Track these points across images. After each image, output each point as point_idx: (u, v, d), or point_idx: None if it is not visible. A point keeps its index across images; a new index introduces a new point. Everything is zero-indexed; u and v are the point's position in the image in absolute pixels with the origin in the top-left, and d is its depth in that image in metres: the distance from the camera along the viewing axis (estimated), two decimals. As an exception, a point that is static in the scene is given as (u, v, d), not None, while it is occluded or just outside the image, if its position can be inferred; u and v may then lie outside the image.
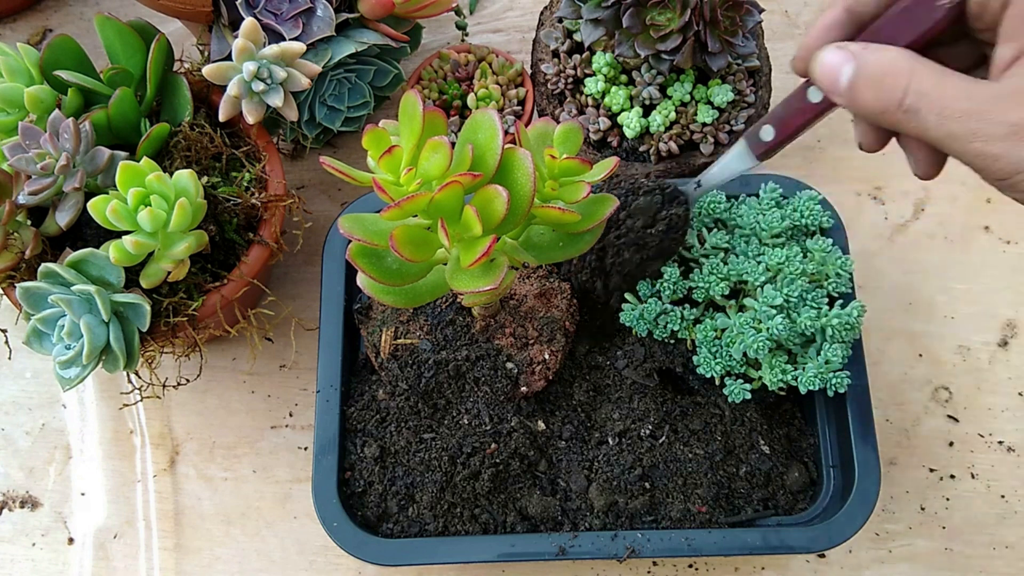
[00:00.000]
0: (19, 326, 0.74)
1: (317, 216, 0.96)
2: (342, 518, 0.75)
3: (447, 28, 1.05)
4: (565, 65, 0.88)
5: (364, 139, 0.55)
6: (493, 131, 0.56)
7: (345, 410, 0.81)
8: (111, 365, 0.71)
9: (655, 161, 0.85)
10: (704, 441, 0.78)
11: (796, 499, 0.79)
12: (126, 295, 0.70)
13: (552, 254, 0.64)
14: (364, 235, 0.56)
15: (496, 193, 0.54)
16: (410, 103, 0.55)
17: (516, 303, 0.78)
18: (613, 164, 0.62)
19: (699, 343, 0.77)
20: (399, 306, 0.64)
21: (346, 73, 0.85)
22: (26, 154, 0.69)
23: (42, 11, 1.09)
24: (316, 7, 0.80)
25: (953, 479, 0.87)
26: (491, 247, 0.54)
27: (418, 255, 0.56)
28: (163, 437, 0.90)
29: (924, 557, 0.85)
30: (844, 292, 0.77)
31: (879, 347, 0.91)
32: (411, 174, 0.55)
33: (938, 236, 0.96)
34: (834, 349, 0.73)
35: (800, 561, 0.85)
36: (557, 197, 0.60)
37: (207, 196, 0.75)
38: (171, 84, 0.81)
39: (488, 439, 0.77)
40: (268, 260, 0.79)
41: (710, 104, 0.86)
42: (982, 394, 0.90)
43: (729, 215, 0.80)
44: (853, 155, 1.00)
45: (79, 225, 0.75)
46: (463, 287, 0.57)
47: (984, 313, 0.93)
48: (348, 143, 1.01)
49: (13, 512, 0.88)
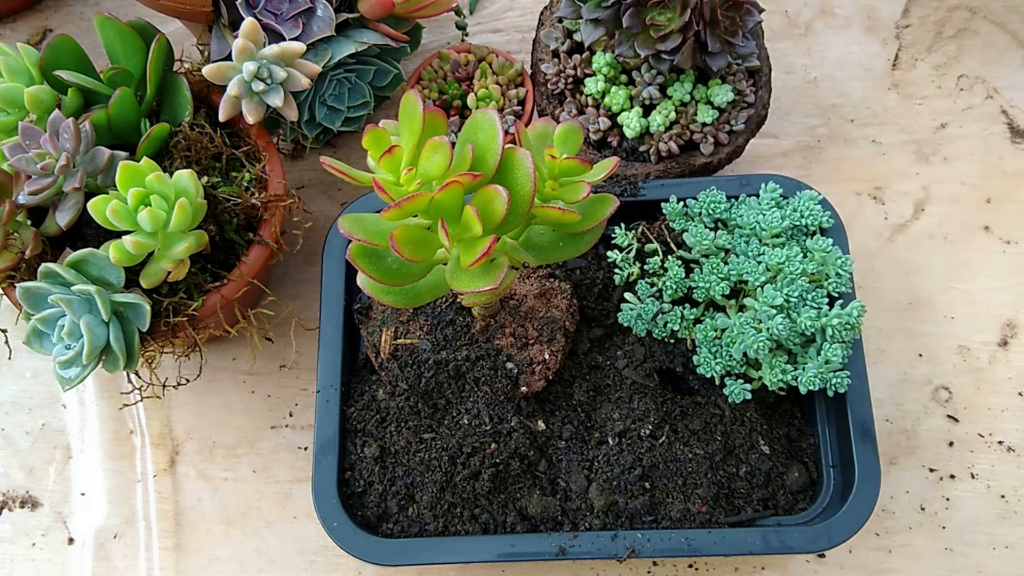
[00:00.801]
0: (19, 326, 0.74)
1: (317, 216, 0.96)
2: (342, 518, 0.75)
3: (447, 28, 1.05)
4: (565, 65, 0.88)
5: (364, 139, 0.55)
6: (493, 131, 0.56)
7: (345, 410, 0.80)
8: (111, 365, 0.71)
9: (655, 161, 0.85)
10: (704, 441, 0.78)
11: (796, 499, 0.79)
12: (126, 295, 0.70)
13: (552, 254, 0.64)
14: (364, 235, 0.56)
15: (496, 193, 0.54)
16: (410, 103, 0.55)
17: (516, 303, 0.78)
18: (613, 164, 0.62)
19: (699, 343, 0.77)
20: (399, 306, 0.64)
21: (346, 73, 0.85)
22: (26, 154, 0.69)
23: (42, 11, 1.09)
24: (316, 7, 0.80)
25: (953, 479, 0.87)
26: (491, 247, 0.54)
27: (418, 255, 0.56)
28: (163, 437, 0.90)
29: (924, 557, 0.85)
30: (844, 292, 0.77)
31: (879, 347, 0.91)
32: (411, 174, 0.55)
33: (938, 236, 0.96)
34: (834, 349, 0.73)
35: (800, 561, 0.85)
36: (557, 197, 0.60)
37: (207, 196, 0.75)
38: (171, 84, 0.81)
39: (488, 439, 0.77)
40: (268, 260, 0.79)
41: (710, 104, 0.86)
42: (982, 394, 0.90)
43: (729, 215, 0.80)
44: (853, 155, 1.00)
45: (79, 225, 0.75)
46: (463, 287, 0.57)
47: (984, 313, 0.93)
48: (348, 143, 1.01)
49: (13, 512, 0.88)
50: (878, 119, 1.01)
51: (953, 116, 1.01)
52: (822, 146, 1.00)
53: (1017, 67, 1.03)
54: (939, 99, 1.02)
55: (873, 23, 1.06)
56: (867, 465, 0.75)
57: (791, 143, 1.01)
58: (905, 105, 1.02)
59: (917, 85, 1.03)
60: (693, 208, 0.81)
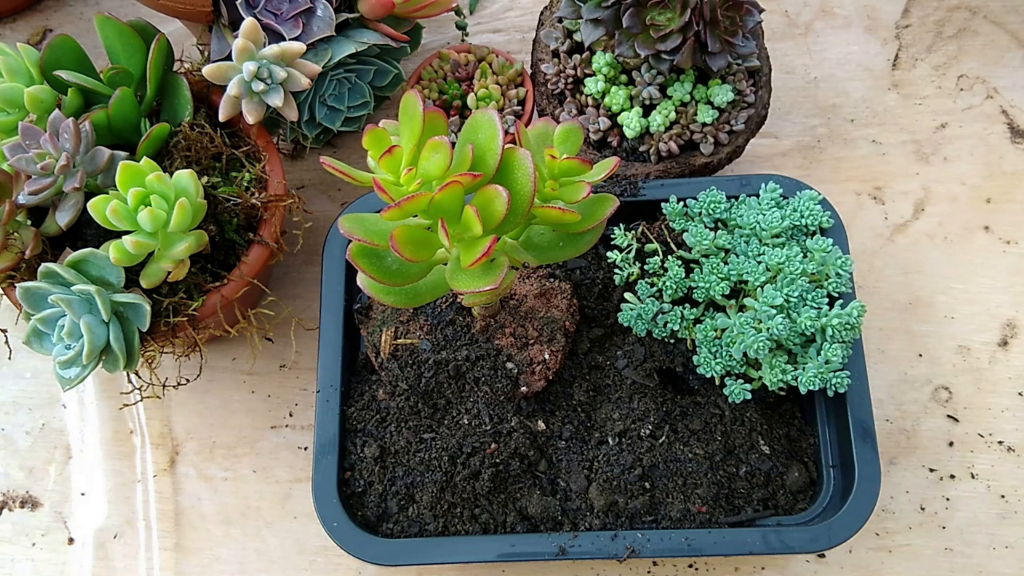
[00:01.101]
0: (19, 326, 0.74)
1: (317, 216, 0.96)
2: (342, 518, 0.75)
3: (447, 28, 1.05)
4: (565, 65, 0.88)
5: (364, 139, 0.55)
6: (493, 131, 0.56)
7: (345, 410, 0.80)
8: (111, 365, 0.71)
9: (655, 161, 0.85)
10: (704, 441, 0.78)
11: (796, 499, 0.79)
12: (126, 295, 0.70)
13: (552, 254, 0.64)
14: (364, 235, 0.56)
15: (496, 193, 0.54)
16: (410, 103, 0.55)
17: (516, 303, 0.78)
18: (613, 164, 0.62)
19: (699, 343, 0.77)
20: (399, 306, 0.64)
21: (346, 73, 0.85)
22: (26, 154, 0.69)
23: (42, 11, 1.09)
24: (316, 7, 0.80)
25: (953, 479, 0.87)
26: (491, 247, 0.54)
27: (418, 255, 0.56)
28: (163, 437, 0.90)
29: (924, 557, 0.85)
30: (844, 292, 0.77)
31: (879, 347, 0.91)
32: (411, 174, 0.54)
33: (938, 236, 0.96)
34: (834, 349, 0.73)
35: (800, 561, 0.85)
36: (557, 197, 0.60)
37: (207, 196, 0.75)
38: (171, 84, 0.81)
39: (488, 439, 0.77)
40: (268, 260, 0.79)
41: (710, 104, 0.86)
42: (982, 394, 0.90)
43: (729, 215, 0.80)
44: (853, 155, 1.00)
45: (79, 225, 0.75)
46: (463, 287, 0.57)
47: (984, 313, 0.93)
48: (348, 143, 1.01)
49: (13, 512, 0.88)
50: (878, 119, 1.02)
51: (953, 116, 1.01)
52: (822, 146, 1.00)
53: (1017, 67, 1.03)
54: (939, 99, 1.02)
55: (873, 23, 1.06)
56: (867, 465, 0.75)
57: (791, 143, 1.01)
58: (905, 105, 1.02)
59: (917, 85, 1.03)
60: (693, 208, 0.81)
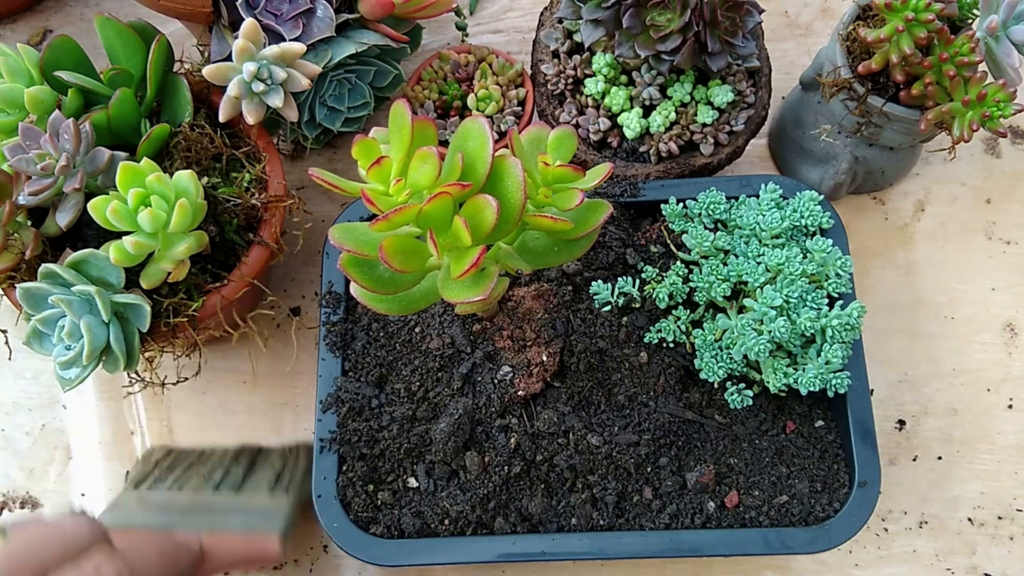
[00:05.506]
0: (19, 327, 0.74)
1: (317, 216, 0.96)
2: (342, 518, 0.75)
3: (447, 28, 1.05)
4: (565, 66, 0.88)
5: (354, 149, 0.54)
6: (483, 139, 0.55)
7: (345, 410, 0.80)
8: (111, 366, 0.71)
9: (655, 161, 0.85)
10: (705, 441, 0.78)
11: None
12: (126, 296, 0.71)
13: (547, 259, 0.64)
14: (354, 245, 0.56)
15: (486, 203, 0.53)
16: (399, 113, 0.55)
17: (514, 304, 0.78)
18: (606, 171, 0.62)
19: (699, 348, 0.77)
20: (393, 313, 0.63)
21: (346, 74, 0.85)
22: (26, 155, 0.69)
23: (42, 11, 1.09)
24: (316, 8, 0.80)
25: (953, 479, 0.87)
26: (480, 258, 0.53)
27: (408, 265, 0.55)
28: (163, 437, 0.90)
29: (924, 557, 0.85)
30: (844, 292, 0.77)
31: (879, 347, 0.91)
32: (400, 185, 0.54)
33: (938, 236, 0.96)
34: (834, 350, 0.73)
35: (800, 561, 0.85)
36: (550, 204, 0.60)
37: (207, 197, 0.75)
38: (171, 85, 0.81)
39: (488, 439, 0.77)
40: (268, 261, 0.79)
41: (710, 104, 0.86)
42: (982, 395, 0.90)
43: (729, 216, 0.80)
44: (853, 155, 1.00)
45: (79, 226, 0.75)
46: (453, 297, 0.56)
47: (984, 313, 0.93)
48: (348, 144, 1.00)
49: (13, 512, 0.88)
50: (878, 119, 1.01)
51: (953, 116, 1.01)
52: (822, 146, 1.00)
53: (1017, 67, 1.03)
54: (939, 99, 1.02)
55: (873, 23, 1.06)
56: (867, 465, 0.75)
57: (791, 143, 1.00)
58: (905, 105, 1.02)
59: (917, 85, 1.03)
60: (693, 209, 0.81)
